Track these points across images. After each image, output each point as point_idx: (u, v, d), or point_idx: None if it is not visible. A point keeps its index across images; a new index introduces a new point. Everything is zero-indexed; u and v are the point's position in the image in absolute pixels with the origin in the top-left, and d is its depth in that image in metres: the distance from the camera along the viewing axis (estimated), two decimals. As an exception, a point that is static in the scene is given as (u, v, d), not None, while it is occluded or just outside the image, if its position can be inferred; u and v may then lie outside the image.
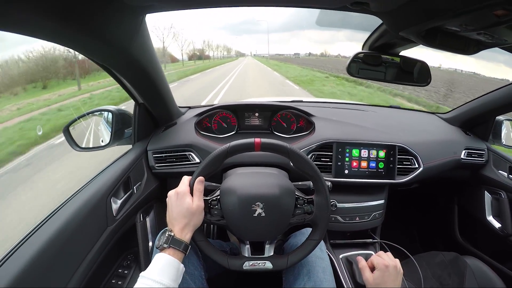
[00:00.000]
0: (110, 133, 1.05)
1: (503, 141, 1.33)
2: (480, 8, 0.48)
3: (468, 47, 0.72)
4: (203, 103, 3.66)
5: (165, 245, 0.59)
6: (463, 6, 0.50)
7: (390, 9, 0.64)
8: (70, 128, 1.01)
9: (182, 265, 0.61)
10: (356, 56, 0.95)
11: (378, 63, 0.98)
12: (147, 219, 1.04)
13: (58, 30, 0.53)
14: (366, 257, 0.97)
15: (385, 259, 0.75)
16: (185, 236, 0.62)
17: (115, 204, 0.87)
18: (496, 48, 0.75)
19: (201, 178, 0.67)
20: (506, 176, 1.25)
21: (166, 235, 0.61)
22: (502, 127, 1.34)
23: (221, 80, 14.51)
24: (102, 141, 1.09)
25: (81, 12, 0.52)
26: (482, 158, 1.28)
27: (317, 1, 0.69)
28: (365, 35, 0.94)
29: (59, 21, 0.50)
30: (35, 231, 0.65)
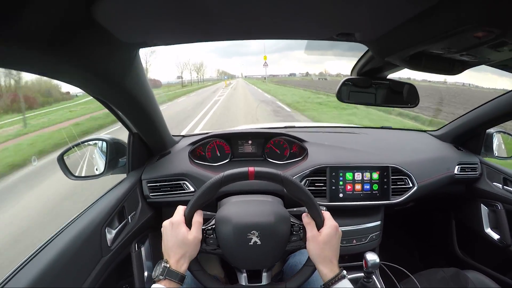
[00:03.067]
0: (104, 162, 1.05)
1: (495, 152, 1.35)
2: (460, 32, 0.49)
3: (452, 68, 0.73)
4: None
5: (161, 277, 0.59)
6: (444, 32, 0.52)
7: (374, 38, 0.66)
8: (65, 157, 1.01)
9: None
10: (345, 82, 0.97)
11: (368, 85, 0.99)
12: (142, 249, 1.03)
13: (52, 64, 0.53)
14: (357, 279, 0.96)
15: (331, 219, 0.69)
16: (181, 267, 0.61)
17: (110, 234, 0.86)
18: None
19: (200, 211, 0.67)
20: (501, 187, 1.26)
21: (162, 266, 0.60)
22: (494, 139, 1.35)
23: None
24: (96, 170, 1.08)
25: (76, 48, 0.53)
26: (476, 172, 1.29)
27: (305, 34, 0.71)
28: (355, 53, 0.95)
29: (53, 56, 0.50)
30: (29, 261, 0.64)
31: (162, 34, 0.65)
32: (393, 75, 0.97)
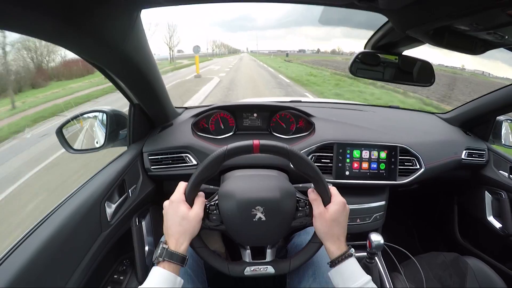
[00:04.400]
0: (104, 135, 1.02)
1: (503, 141, 1.33)
2: (492, 7, 0.46)
3: (475, 47, 0.70)
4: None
5: (160, 259, 0.58)
6: (475, 5, 0.48)
7: (398, 6, 0.62)
8: (63, 130, 0.98)
9: (179, 278, 0.59)
10: (358, 56, 0.93)
11: (376, 63, 0.96)
12: (143, 223, 1.01)
13: (48, 27, 0.50)
14: (359, 259, 0.95)
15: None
16: (181, 247, 0.59)
17: (109, 209, 0.85)
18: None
19: (202, 193, 0.65)
20: (506, 176, 1.25)
21: (161, 247, 0.59)
22: (502, 128, 1.33)
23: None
24: (96, 143, 1.06)
25: (73, 8, 0.50)
26: (483, 158, 1.28)
27: None
28: (362, 32, 0.91)
29: (49, 18, 0.47)
30: (27, 237, 0.63)
31: None
32: (410, 52, 0.92)
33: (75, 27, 0.53)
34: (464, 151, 1.24)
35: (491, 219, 1.26)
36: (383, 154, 1.08)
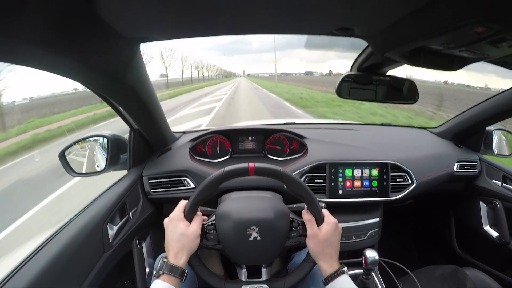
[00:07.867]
0: (105, 159, 1.05)
1: (495, 150, 1.35)
2: (460, 27, 0.50)
3: (452, 64, 0.74)
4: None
5: (160, 272, 0.60)
6: (444, 27, 0.52)
7: (374, 33, 0.66)
8: (66, 153, 1.01)
9: None
10: (345, 78, 0.97)
11: (368, 81, 0.99)
12: (143, 245, 1.04)
13: (52, 59, 0.54)
14: (356, 276, 0.96)
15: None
16: (179, 261, 0.62)
17: (111, 230, 0.87)
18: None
19: (200, 212, 0.68)
20: (500, 185, 1.26)
21: (161, 261, 0.62)
22: (493, 137, 1.35)
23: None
24: (97, 167, 1.09)
25: (76, 42, 0.54)
26: (475, 169, 1.30)
27: (305, 29, 0.71)
28: (354, 54, 0.95)
29: (54, 51, 0.50)
30: (30, 258, 0.65)
31: (163, 29, 0.66)
32: (394, 71, 0.97)
33: (77, 60, 0.57)
34: (456, 164, 1.26)
35: (487, 228, 1.27)
36: (374, 172, 1.10)
